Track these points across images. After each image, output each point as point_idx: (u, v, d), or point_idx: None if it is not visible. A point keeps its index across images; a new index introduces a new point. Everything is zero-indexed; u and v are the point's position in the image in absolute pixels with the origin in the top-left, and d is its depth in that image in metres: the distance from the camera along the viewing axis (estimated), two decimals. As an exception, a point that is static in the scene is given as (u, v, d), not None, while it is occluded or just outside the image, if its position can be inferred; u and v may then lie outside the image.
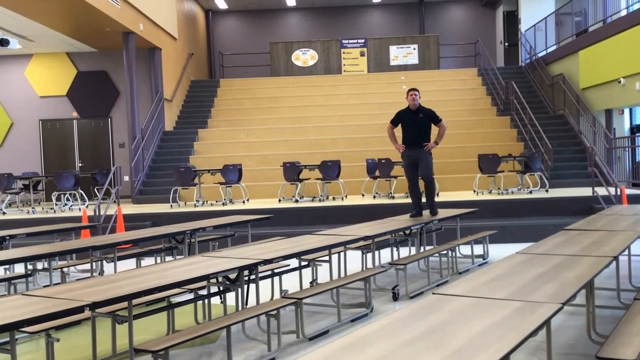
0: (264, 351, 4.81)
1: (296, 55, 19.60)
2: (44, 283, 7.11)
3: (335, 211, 11.28)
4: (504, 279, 3.67)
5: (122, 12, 13.23)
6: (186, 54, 18.59)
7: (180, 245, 7.50)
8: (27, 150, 16.65)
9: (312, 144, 15.20)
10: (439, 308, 2.95)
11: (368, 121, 16.24)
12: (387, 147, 14.73)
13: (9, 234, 7.41)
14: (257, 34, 21.70)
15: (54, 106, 16.73)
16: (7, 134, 16.72)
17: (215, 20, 22.10)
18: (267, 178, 13.94)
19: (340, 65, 19.50)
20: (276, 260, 5.27)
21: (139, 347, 3.88)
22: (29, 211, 12.62)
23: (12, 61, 16.62)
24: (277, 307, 4.74)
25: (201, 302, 5.53)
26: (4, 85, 16.72)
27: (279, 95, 17.90)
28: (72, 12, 12.32)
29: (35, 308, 3.61)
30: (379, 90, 17.97)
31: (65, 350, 4.97)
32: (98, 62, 16.65)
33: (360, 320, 5.64)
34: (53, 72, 16.70)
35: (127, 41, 14.20)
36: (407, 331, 2.58)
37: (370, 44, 19.57)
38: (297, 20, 22.17)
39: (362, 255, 7.15)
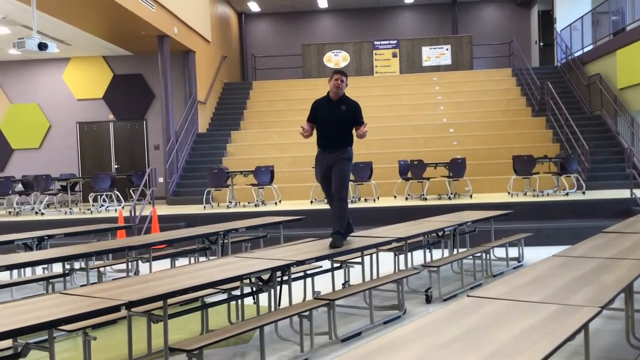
0: (296, 352, 4.82)
1: (328, 57, 19.62)
2: (81, 282, 7.24)
3: (367, 213, 11.25)
4: (541, 281, 3.61)
5: (157, 16, 13.42)
6: (219, 57, 18.77)
7: (214, 246, 7.57)
8: (65, 152, 17.00)
9: (344, 146, 15.16)
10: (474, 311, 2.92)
11: (400, 122, 16.16)
12: (420, 148, 14.69)
13: (47, 234, 7.58)
14: (289, 36, 21.79)
15: (91, 109, 17.06)
16: (46, 136, 17.11)
17: (248, 23, 22.26)
18: (299, 179, 13.97)
19: (372, 67, 19.45)
20: (308, 262, 5.28)
21: (174, 346, 3.93)
22: (66, 212, 12.89)
23: (50, 65, 17.01)
24: (309, 308, 4.75)
25: (234, 302, 5.57)
26: (42, 88, 17.11)
27: (310, 96, 17.72)
28: (109, 16, 12.56)
29: (73, 307, 3.69)
30: (411, 92, 17.86)
31: (102, 349, 5.06)
32: (134, 66, 16.92)
33: (393, 322, 5.61)
34: (90, 75, 17.02)
35: (162, 44, 14.40)
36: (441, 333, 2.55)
37: (402, 45, 19.47)
38: (329, 22, 22.19)
39: (395, 257, 7.11)
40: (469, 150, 14.28)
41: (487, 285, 3.56)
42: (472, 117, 16.21)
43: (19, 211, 13.28)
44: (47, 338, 3.63)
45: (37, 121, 17.06)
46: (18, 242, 7.23)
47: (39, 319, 3.40)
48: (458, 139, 15.11)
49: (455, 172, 12.53)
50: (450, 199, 12.17)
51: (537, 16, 20.88)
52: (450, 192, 12.55)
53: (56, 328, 3.64)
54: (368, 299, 5.64)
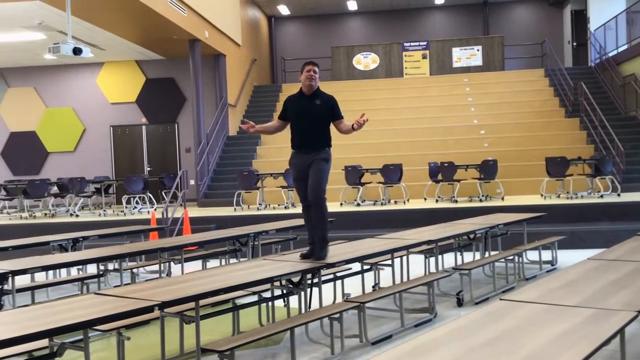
0: (327, 354, 4.82)
1: (357, 59, 19.60)
2: (115, 283, 7.36)
3: (397, 215, 11.20)
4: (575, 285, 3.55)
5: (189, 20, 13.58)
6: (249, 60, 18.90)
7: (244, 247, 7.62)
8: (99, 155, 17.30)
9: (373, 148, 15.15)
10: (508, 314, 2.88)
11: (430, 124, 16.06)
12: (450, 150, 14.57)
13: (82, 235, 7.72)
14: (319, 39, 21.83)
15: (124, 112, 17.33)
16: (80, 139, 17.44)
17: (278, 26, 22.38)
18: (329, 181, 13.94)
19: (402, 69, 19.37)
20: (338, 264, 5.28)
21: (206, 347, 3.97)
22: (100, 214, 13.12)
23: (84, 69, 17.33)
24: (339, 310, 4.75)
25: (265, 304, 5.59)
26: (77, 92, 17.45)
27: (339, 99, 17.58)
28: (142, 21, 12.76)
29: (108, 307, 3.75)
30: (441, 93, 17.73)
31: (135, 349, 5.13)
32: (165, 70, 17.15)
33: (423, 325, 5.57)
34: (123, 79, 17.30)
35: (193, 48, 14.57)
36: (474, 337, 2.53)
37: (432, 47, 19.35)
38: (358, 24, 22.17)
39: (425, 260, 7.07)
40: (501, 151, 14.12)
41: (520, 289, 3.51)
42: (503, 118, 16.03)
43: (54, 213, 13.56)
44: (82, 338, 3.70)
45: (72, 125, 17.40)
46: (54, 243, 7.38)
47: (75, 319, 3.46)
48: (489, 141, 14.95)
49: (487, 174, 12.40)
50: (482, 201, 12.04)
51: (570, 16, 20.55)
52: (482, 194, 12.42)
53: (91, 328, 3.70)
54: (398, 302, 5.61)
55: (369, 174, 12.97)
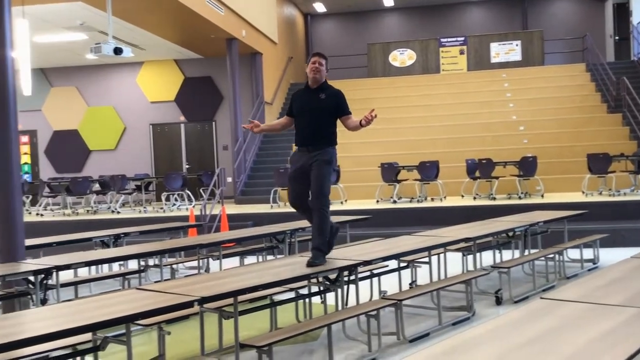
0: (364, 351, 4.82)
1: (393, 56, 19.49)
2: (155, 278, 7.49)
3: (434, 212, 11.11)
4: (619, 284, 3.47)
5: (226, 19, 13.71)
6: (286, 58, 18.98)
7: (281, 244, 7.66)
8: (139, 153, 17.62)
9: (410, 145, 15.06)
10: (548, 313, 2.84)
11: (467, 121, 15.87)
12: (488, 147, 14.38)
13: (123, 232, 7.88)
14: (355, 36, 21.79)
15: (163, 111, 17.60)
16: (121, 137, 17.78)
17: (314, 23, 22.41)
18: (365, 179, 13.95)
19: (439, 65, 19.18)
20: (375, 262, 5.28)
21: (245, 342, 4.01)
22: (140, 211, 13.35)
23: (125, 69, 17.66)
24: (376, 307, 4.75)
25: (302, 301, 5.62)
26: (117, 92, 17.80)
27: (376, 96, 17.87)
28: (180, 20, 12.94)
29: (148, 302, 3.82)
30: (479, 89, 17.51)
31: (175, 343, 5.21)
32: (203, 68, 17.35)
33: (461, 323, 5.52)
34: (162, 78, 17.57)
35: (231, 47, 14.70)
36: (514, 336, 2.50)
37: (470, 42, 19.11)
38: (394, 20, 22.05)
39: (463, 258, 7.00)
40: (541, 148, 13.87)
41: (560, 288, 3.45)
42: (543, 114, 15.74)
43: (96, 210, 13.87)
44: (124, 332, 3.78)
45: (113, 123, 17.75)
46: (96, 239, 7.56)
47: (117, 313, 3.54)
48: (529, 137, 14.71)
49: (526, 171, 12.20)
50: (521, 199, 11.87)
51: (612, 9, 20.04)
52: (521, 192, 12.23)
53: (133, 322, 3.78)
54: (436, 300, 5.58)
55: (405, 171, 12.90)
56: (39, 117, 17.84)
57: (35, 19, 11.59)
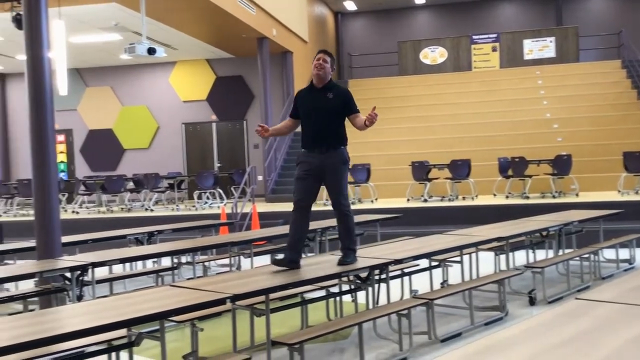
0: (395, 350, 4.81)
1: (424, 53, 19.36)
2: (188, 275, 7.59)
3: (466, 211, 11.01)
4: (656, 286, 3.40)
5: (257, 19, 13.80)
6: (316, 57, 18.98)
7: (312, 243, 7.68)
8: (172, 152, 17.84)
9: (441, 143, 14.95)
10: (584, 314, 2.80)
11: (500, 119, 15.68)
12: (521, 145, 14.18)
13: (156, 229, 8.00)
14: (385, 34, 21.69)
15: (195, 110, 17.79)
16: (154, 136, 18.03)
17: (344, 21, 22.38)
18: (395, 177, 13.90)
19: (471, 62, 18.99)
20: (406, 260, 5.25)
21: (276, 340, 4.04)
22: (173, 209, 13.53)
23: (158, 69, 17.90)
24: (408, 306, 4.73)
25: (332, 299, 5.63)
26: (151, 91, 18.05)
27: (407, 94, 17.79)
28: (212, 20, 13.06)
29: (182, 299, 3.88)
30: (512, 86, 17.28)
31: (207, 340, 5.27)
32: (234, 68, 17.48)
33: (494, 324, 5.47)
34: (194, 78, 17.76)
35: (261, 46, 14.78)
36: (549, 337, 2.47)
37: (502, 39, 18.87)
38: (425, 18, 21.89)
39: (495, 257, 6.92)
40: (575, 146, 13.63)
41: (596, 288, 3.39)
42: (578, 111, 15.46)
43: (130, 208, 14.09)
44: (158, 328, 3.84)
45: (146, 122, 18.01)
46: (130, 237, 7.68)
47: (151, 310, 3.59)
48: (563, 135, 14.46)
49: (560, 170, 12.01)
50: (555, 198, 11.68)
51: (650, 3, 19.57)
52: (555, 191, 12.04)
53: (167, 319, 3.84)
54: (468, 299, 5.54)
55: (436, 170, 12.81)
56: (75, 117, 18.20)
57: (71, 19, 11.82)
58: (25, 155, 17.96)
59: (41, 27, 6.54)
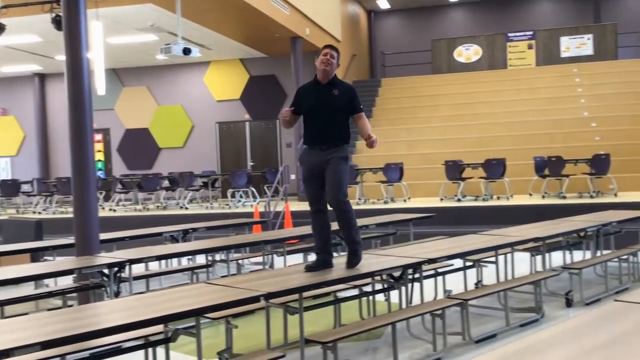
0: (429, 350, 4.79)
1: (459, 52, 19.16)
2: (222, 273, 7.66)
3: (500, 211, 10.87)
4: (699, 289, 3.31)
5: (291, 18, 13.85)
6: (349, 56, 18.97)
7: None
8: (206, 151, 18.03)
9: (475, 142, 14.79)
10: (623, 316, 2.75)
11: (536, 117, 15.44)
12: (557, 144, 13.93)
13: (191, 227, 8.10)
14: (419, 32, 21.54)
15: (229, 109, 17.95)
16: (189, 135, 18.25)
17: (377, 20, 22.30)
18: (429, 177, 13.80)
19: (506, 60, 18.73)
20: (440, 260, 5.22)
21: (310, 338, 4.06)
22: (207, 207, 13.68)
23: (192, 69, 18.11)
24: (442, 307, 4.70)
25: (365, 298, 5.63)
26: (185, 91, 18.27)
27: (440, 93, 17.64)
28: (246, 20, 13.16)
29: (217, 296, 3.93)
30: (548, 84, 16.99)
31: (241, 337, 5.32)
32: (268, 67, 17.58)
33: (530, 325, 5.40)
34: (228, 77, 17.92)
35: (295, 46, 14.84)
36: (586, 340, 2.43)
37: (539, 36, 18.57)
38: (459, 15, 21.67)
39: (531, 258, 6.83)
40: (614, 145, 13.34)
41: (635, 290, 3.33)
42: (617, 110, 15.12)
43: (165, 205, 14.30)
44: (193, 324, 3.90)
45: (181, 122, 18.24)
46: (166, 234, 7.79)
47: (188, 306, 3.65)
48: (601, 134, 14.17)
49: (598, 169, 11.77)
50: (593, 198, 11.46)
51: (694, -2, 19.03)
52: (593, 191, 11.81)
53: (202, 315, 3.90)
54: (503, 300, 5.48)
55: (470, 169, 12.68)
56: (112, 116, 18.54)
57: (108, 20, 12.04)
58: (64, 154, 18.38)
59: (80, 28, 6.67)
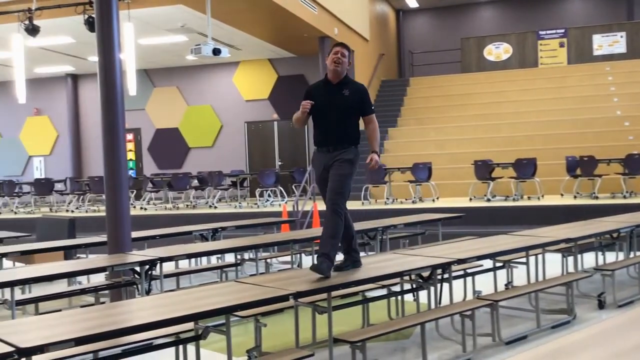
0: (458, 351, 4.76)
1: (488, 50, 18.97)
2: (251, 272, 7.72)
3: (531, 211, 10.74)
4: None
5: (319, 18, 13.87)
6: (377, 55, 18.93)
7: (372, 241, 7.67)
8: (235, 150, 18.16)
9: (505, 142, 14.63)
10: (658, 319, 2.70)
11: (567, 116, 15.20)
12: (590, 143, 13.70)
13: (220, 226, 8.18)
14: (448, 31, 21.38)
15: (257, 109, 18.05)
16: (218, 135, 18.41)
17: (406, 19, 22.20)
18: (457, 176, 13.69)
19: (537, 58, 18.48)
20: (470, 260, 5.18)
21: (338, 337, 4.07)
22: (236, 206, 13.78)
23: (222, 69, 18.26)
24: (472, 307, 4.67)
25: (394, 298, 5.62)
26: (215, 91, 18.43)
27: (470, 92, 17.49)
28: (275, 20, 13.22)
29: (246, 294, 3.96)
30: (580, 83, 16.72)
31: (270, 335, 5.36)
32: (296, 67, 17.62)
33: (561, 327, 5.33)
34: (257, 77, 18.02)
35: (323, 45, 14.84)
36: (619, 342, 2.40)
37: (570, 34, 18.28)
38: (489, 13, 21.44)
39: (563, 259, 6.74)
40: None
41: (672, 293, 3.26)
42: (651, 108, 14.82)
43: (195, 204, 14.45)
44: (223, 322, 3.94)
45: (211, 121, 18.40)
46: (195, 233, 7.88)
47: (218, 304, 3.69)
48: (634, 133, 13.89)
49: (632, 169, 11.54)
50: (626, 198, 11.24)
51: None
52: (626, 191, 11.59)
53: (232, 313, 3.93)
54: (534, 302, 5.41)
55: (500, 169, 12.55)
56: (143, 116, 18.79)
57: (139, 22, 12.21)
58: (96, 153, 18.70)
59: (112, 29, 6.77)
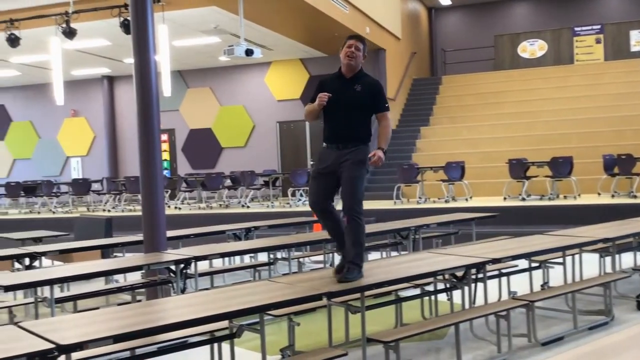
0: (493, 352, 4.71)
1: (523, 47, 18.71)
2: (283, 271, 7.76)
3: (567, 211, 10.56)
4: None
5: (351, 17, 13.86)
6: (409, 53, 18.83)
7: (405, 241, 7.64)
8: (267, 150, 18.26)
9: (540, 140, 14.40)
10: (700, 322, 2.63)
11: (604, 114, 14.90)
12: (627, 141, 13.40)
13: (253, 225, 8.24)
14: (481, 28, 21.13)
15: (289, 109, 18.11)
16: (250, 135, 18.54)
17: (438, 17, 22.03)
18: (491, 175, 13.53)
19: (572, 55, 18.15)
20: (505, 260, 5.12)
21: (371, 337, 4.07)
22: (268, 205, 13.86)
23: (254, 69, 18.38)
24: (507, 308, 4.62)
25: (427, 298, 5.59)
26: (247, 91, 18.56)
27: (503, 89, 17.27)
28: (307, 20, 13.26)
29: (280, 294, 3.99)
30: (617, 80, 16.36)
31: (303, 334, 5.37)
32: (327, 66, 17.61)
33: (599, 328, 5.24)
34: (288, 77, 18.09)
35: (354, 45, 14.82)
36: (661, 344, 2.35)
37: (607, 30, 17.91)
38: (523, 10, 21.13)
39: (600, 259, 6.61)
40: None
41: None
42: (692, 105, 14.43)
43: (228, 204, 14.58)
44: (257, 321, 3.97)
45: (243, 122, 18.54)
46: (229, 232, 7.95)
47: (252, 303, 3.73)
48: (675, 131, 13.55)
49: (672, 168, 11.25)
50: (666, 197, 10.97)
51: None
52: (666, 190, 11.31)
53: (266, 312, 3.97)
54: (570, 302, 5.33)
55: (535, 167, 12.36)
56: (177, 117, 19.02)
57: (173, 24, 12.37)
58: (131, 154, 19.00)
59: (148, 31, 6.86)
